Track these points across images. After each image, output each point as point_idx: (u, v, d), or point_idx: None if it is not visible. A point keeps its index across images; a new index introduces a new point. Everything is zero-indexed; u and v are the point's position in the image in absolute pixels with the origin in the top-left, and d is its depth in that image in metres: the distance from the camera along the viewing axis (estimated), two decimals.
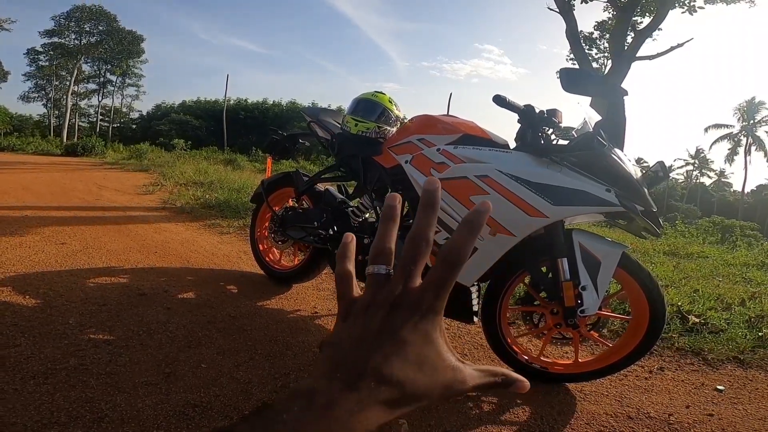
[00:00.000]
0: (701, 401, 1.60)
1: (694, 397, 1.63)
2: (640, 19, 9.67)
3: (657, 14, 8.72)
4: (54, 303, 2.01)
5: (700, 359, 1.91)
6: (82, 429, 1.22)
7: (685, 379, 1.76)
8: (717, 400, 1.62)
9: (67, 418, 1.25)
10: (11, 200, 4.54)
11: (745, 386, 1.73)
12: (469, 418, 1.43)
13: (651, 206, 1.49)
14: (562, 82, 1.51)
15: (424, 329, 0.28)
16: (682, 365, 1.87)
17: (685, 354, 1.96)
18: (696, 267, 3.52)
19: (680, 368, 1.84)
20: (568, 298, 1.50)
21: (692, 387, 1.70)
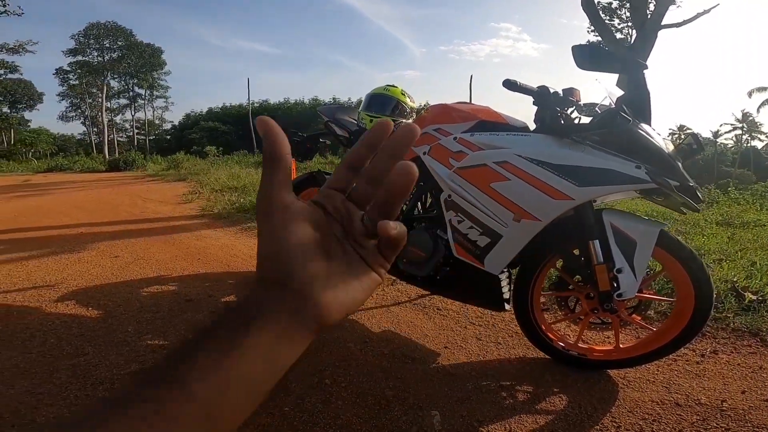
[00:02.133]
0: (759, 386, 1.50)
1: (750, 382, 1.52)
2: None
3: None
4: (114, 313, 2.19)
5: (758, 340, 1.77)
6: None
7: (741, 362, 1.65)
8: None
9: None
10: (67, 220, 4.92)
11: None
12: (502, 407, 1.43)
13: (687, 180, 1.41)
14: (575, 59, 1.45)
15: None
16: (738, 347, 1.75)
17: (742, 335, 1.82)
18: (753, 237, 3.24)
19: (736, 351, 1.73)
20: (602, 281, 1.46)
21: (749, 371, 1.59)
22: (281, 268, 0.28)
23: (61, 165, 17.55)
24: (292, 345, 0.27)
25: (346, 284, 0.29)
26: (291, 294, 0.27)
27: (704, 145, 1.56)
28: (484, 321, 2.06)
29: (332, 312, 0.28)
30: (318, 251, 0.29)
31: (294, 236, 0.28)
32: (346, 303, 0.29)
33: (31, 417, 1.37)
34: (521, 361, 1.72)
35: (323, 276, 0.28)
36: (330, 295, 0.28)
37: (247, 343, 0.26)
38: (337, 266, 0.29)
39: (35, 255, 3.31)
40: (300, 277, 0.28)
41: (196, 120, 37.80)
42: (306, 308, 0.27)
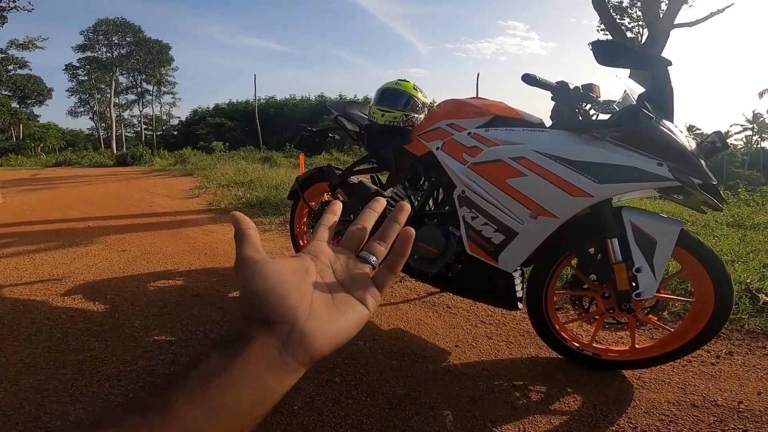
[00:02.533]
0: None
1: (766, 383, 1.51)
2: None
3: None
4: (121, 307, 2.17)
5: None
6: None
7: (757, 363, 1.63)
8: None
9: None
10: (75, 213, 4.94)
11: None
12: (516, 408, 1.40)
13: (710, 178, 1.37)
14: (595, 55, 1.41)
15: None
16: (753, 349, 1.73)
17: (757, 336, 1.81)
18: (765, 239, 3.22)
19: (751, 352, 1.71)
20: (621, 281, 1.43)
21: (764, 372, 1.57)
22: (260, 304, 0.30)
23: (69, 159, 17.72)
24: (280, 375, 0.28)
25: (333, 316, 0.31)
26: (277, 327, 0.29)
27: None
28: (495, 320, 2.02)
29: (319, 341, 0.30)
30: (297, 287, 0.31)
31: (269, 278, 0.31)
32: (332, 333, 0.31)
33: (36, 414, 1.35)
34: (533, 360, 1.69)
35: (306, 308, 0.30)
36: (315, 325, 0.30)
37: (233, 370, 0.27)
38: (321, 300, 0.32)
39: (43, 248, 3.32)
40: (282, 310, 0.30)
41: (203, 116, 37.91)
42: (292, 338, 0.29)
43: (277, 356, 0.28)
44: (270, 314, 0.29)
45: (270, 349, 0.28)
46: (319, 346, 0.30)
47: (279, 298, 0.30)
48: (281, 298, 0.30)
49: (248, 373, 0.27)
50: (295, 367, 0.29)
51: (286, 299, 0.30)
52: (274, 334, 0.29)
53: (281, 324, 0.29)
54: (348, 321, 0.32)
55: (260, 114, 17.43)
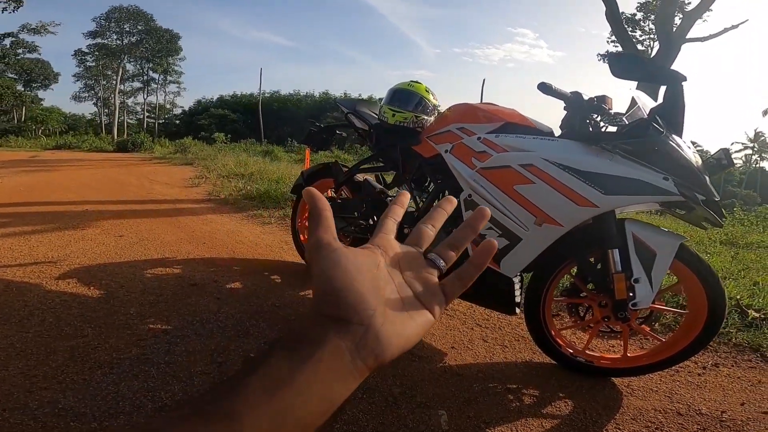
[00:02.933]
0: (757, 399, 1.52)
1: (750, 395, 1.55)
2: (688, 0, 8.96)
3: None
4: (116, 294, 2.16)
5: (759, 356, 1.81)
6: (145, 418, 1.29)
7: (742, 375, 1.67)
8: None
9: (131, 407, 1.32)
10: (73, 196, 4.92)
11: None
12: (509, 410, 1.42)
13: (713, 195, 1.39)
14: (611, 67, 1.43)
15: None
16: (738, 362, 1.77)
17: (743, 350, 1.85)
18: (756, 258, 3.28)
19: (736, 365, 1.75)
20: (619, 290, 1.45)
21: (749, 384, 1.61)
22: (338, 302, 0.28)
23: (69, 143, 17.61)
24: (347, 381, 0.27)
25: (403, 321, 0.29)
26: (352, 328, 0.27)
27: None
28: (491, 323, 2.04)
29: (391, 347, 0.28)
30: (374, 286, 0.29)
31: (347, 272, 0.28)
32: (403, 338, 0.29)
33: (24, 401, 1.32)
34: (527, 365, 1.70)
35: (381, 312, 0.28)
36: (389, 330, 0.28)
37: (302, 379, 0.25)
38: (393, 302, 0.30)
39: (39, 230, 3.30)
40: (361, 312, 0.27)
41: (207, 106, 37.79)
42: (366, 343, 0.27)
43: (347, 361, 0.26)
44: (348, 314, 0.27)
45: (342, 354, 0.26)
46: (390, 351, 0.28)
47: (358, 297, 0.28)
48: (361, 296, 0.28)
49: (317, 380, 0.25)
50: (362, 372, 0.27)
51: (366, 298, 0.28)
52: (349, 336, 0.27)
53: (358, 326, 0.27)
54: (416, 326, 0.30)
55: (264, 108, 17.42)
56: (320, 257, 0.29)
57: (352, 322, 0.27)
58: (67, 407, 1.30)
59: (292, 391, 0.24)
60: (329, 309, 0.28)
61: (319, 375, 0.25)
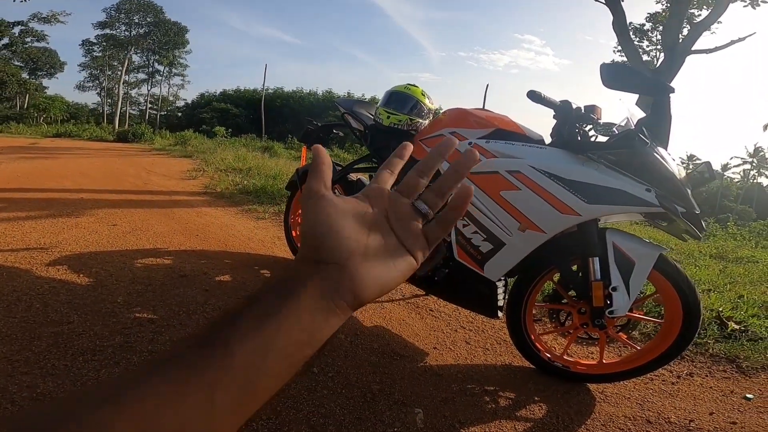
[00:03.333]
0: (726, 409, 1.55)
1: (719, 405, 1.57)
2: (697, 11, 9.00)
3: (715, 7, 8.06)
4: (105, 282, 2.17)
5: (734, 366, 1.84)
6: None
7: (714, 385, 1.70)
8: (743, 408, 1.56)
9: None
10: (69, 184, 4.92)
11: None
12: (484, 411, 1.45)
13: (693, 208, 1.42)
14: (602, 77, 1.45)
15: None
16: (713, 371, 1.80)
17: (719, 360, 1.88)
18: (744, 272, 3.31)
19: (710, 374, 1.78)
20: (597, 298, 1.48)
21: (720, 394, 1.64)
22: (319, 245, 0.30)
23: (69, 131, 17.56)
24: (328, 316, 0.29)
25: (383, 263, 0.32)
26: (329, 267, 0.30)
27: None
28: (475, 326, 2.06)
29: (368, 286, 0.30)
30: (355, 231, 0.31)
31: (330, 217, 0.31)
32: (381, 280, 0.31)
33: (4, 384, 1.33)
34: (506, 368, 1.73)
35: (360, 253, 0.31)
36: (366, 269, 0.30)
37: (286, 312, 0.27)
38: (375, 246, 0.32)
39: (33, 216, 3.31)
40: (337, 252, 0.30)
41: (209, 100, 37.71)
42: (343, 280, 0.30)
43: (327, 297, 0.29)
44: (328, 255, 0.30)
45: (323, 290, 0.29)
46: (368, 291, 0.30)
47: (338, 240, 0.30)
48: (341, 239, 0.30)
49: (300, 313, 0.28)
50: (344, 309, 0.30)
51: (345, 241, 0.30)
52: (327, 275, 0.29)
53: (335, 265, 0.30)
54: (397, 270, 0.32)
55: (266, 104, 17.43)
56: (309, 204, 0.32)
57: (329, 262, 0.30)
58: (45, 392, 1.32)
59: (278, 321, 0.27)
60: (311, 252, 0.30)
61: (301, 307, 0.28)
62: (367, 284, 0.30)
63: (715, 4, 8.12)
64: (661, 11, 10.23)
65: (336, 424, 1.32)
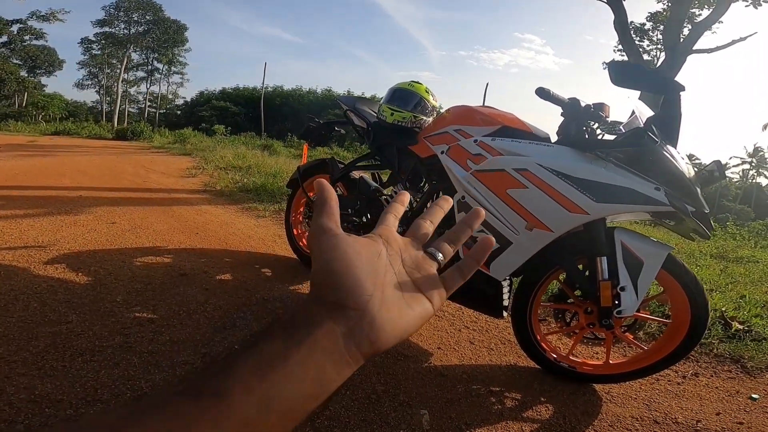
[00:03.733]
0: (733, 409, 1.54)
1: (726, 405, 1.56)
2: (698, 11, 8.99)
3: (717, 7, 8.05)
4: (104, 281, 2.14)
5: (739, 366, 1.82)
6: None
7: (720, 386, 1.69)
8: (749, 408, 1.55)
9: (110, 395, 1.31)
10: (67, 182, 4.88)
11: None
12: (490, 412, 1.43)
13: (703, 207, 1.40)
14: (611, 75, 1.43)
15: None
16: (718, 372, 1.79)
17: (723, 361, 1.87)
18: (745, 272, 3.31)
19: (716, 375, 1.77)
20: (605, 298, 1.45)
21: (726, 394, 1.63)
22: (336, 285, 0.28)
23: (68, 129, 17.50)
24: (340, 367, 0.26)
25: (401, 308, 0.29)
26: (348, 312, 0.27)
27: None
28: (478, 326, 2.04)
29: (387, 334, 0.28)
30: (373, 272, 0.29)
31: (347, 256, 0.28)
32: (399, 326, 0.29)
33: (2, 386, 1.30)
34: (511, 368, 1.71)
35: (379, 296, 0.28)
36: (385, 315, 0.28)
37: (296, 359, 0.25)
38: (392, 290, 0.30)
39: (30, 214, 3.28)
40: (357, 297, 0.27)
41: (209, 98, 37.63)
42: (362, 328, 0.27)
43: (342, 345, 0.26)
44: (344, 298, 0.27)
45: (336, 338, 0.26)
46: (385, 338, 0.28)
47: (356, 282, 0.28)
48: (358, 281, 0.28)
49: (310, 363, 0.25)
50: (357, 358, 0.27)
51: (363, 283, 0.28)
52: (344, 320, 0.27)
53: (353, 310, 0.27)
54: (414, 316, 0.30)
55: (266, 102, 17.37)
56: (321, 242, 0.29)
57: (348, 307, 0.27)
58: (43, 394, 1.29)
59: (284, 371, 0.24)
60: (326, 293, 0.28)
61: (312, 357, 0.25)
62: (385, 331, 0.28)
63: (717, 4, 8.11)
64: (662, 10, 10.20)
65: (341, 426, 1.29)
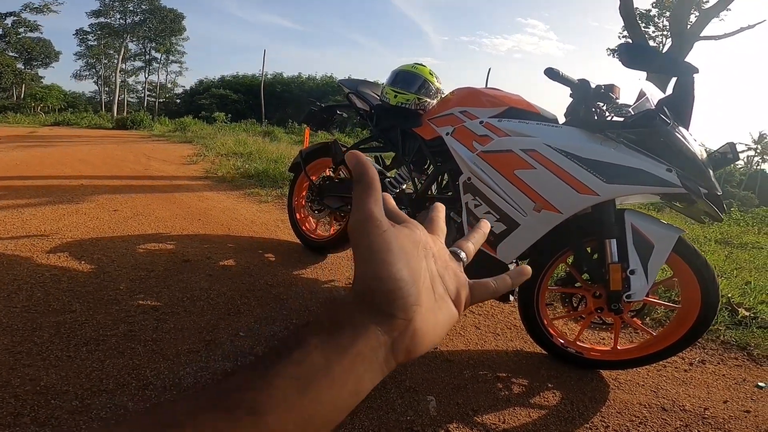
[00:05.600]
0: (740, 397, 1.52)
1: (733, 393, 1.55)
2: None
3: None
4: (107, 269, 2.13)
5: (745, 354, 1.80)
6: (128, 396, 1.26)
7: (727, 373, 1.67)
8: (756, 397, 1.53)
9: (115, 385, 1.30)
10: (69, 171, 4.86)
11: None
12: (498, 399, 1.42)
13: (716, 189, 1.37)
14: (621, 57, 1.39)
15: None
16: (725, 359, 1.77)
17: (730, 348, 1.85)
18: (749, 257, 3.28)
19: (722, 362, 1.75)
20: (615, 281, 1.43)
21: (733, 382, 1.61)
22: (386, 294, 0.24)
23: (68, 120, 17.41)
24: (376, 376, 0.24)
25: (435, 315, 0.27)
26: (395, 322, 0.24)
27: None
28: (484, 311, 2.02)
29: (425, 343, 0.26)
30: (418, 277, 0.26)
31: (398, 260, 0.25)
32: (435, 334, 0.27)
33: (6, 378, 1.28)
34: (518, 354, 1.69)
35: (423, 306, 0.26)
36: (425, 325, 0.26)
37: (337, 371, 0.22)
38: (429, 295, 0.27)
39: (32, 203, 3.26)
40: (407, 306, 0.25)
41: (208, 86, 37.37)
42: (404, 338, 0.25)
43: (382, 355, 0.24)
44: (394, 306, 0.24)
45: (380, 348, 0.24)
46: (421, 348, 0.26)
47: (405, 289, 0.25)
48: (407, 288, 0.25)
49: (351, 374, 0.23)
50: (392, 366, 0.25)
51: (411, 289, 0.25)
52: (390, 329, 0.24)
53: (401, 320, 0.24)
54: (444, 322, 0.27)
55: (266, 89, 17.21)
56: (371, 236, 0.25)
57: (396, 316, 0.24)
58: (48, 385, 1.28)
59: (325, 384, 0.22)
60: (373, 296, 0.24)
61: (354, 369, 0.23)
62: (423, 340, 0.25)
63: None
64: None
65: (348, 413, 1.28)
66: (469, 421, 1.30)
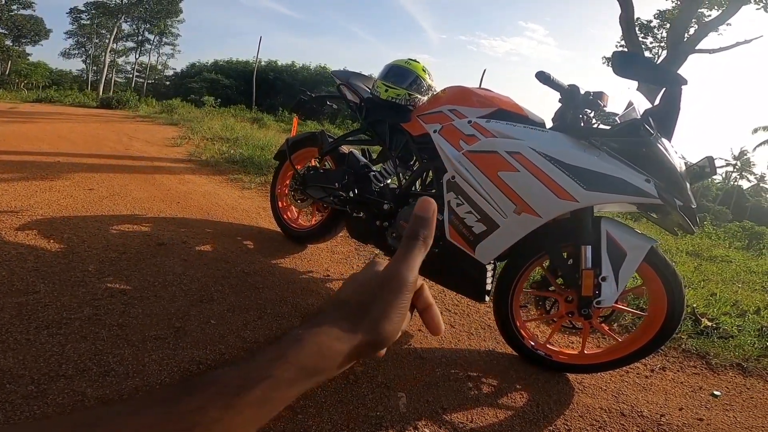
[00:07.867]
0: (695, 405, 1.57)
1: (688, 400, 1.59)
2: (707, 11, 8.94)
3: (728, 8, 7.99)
4: (76, 249, 2.05)
5: (704, 363, 1.86)
6: (88, 383, 1.22)
7: (685, 381, 1.72)
8: (710, 405, 1.58)
9: (75, 371, 1.26)
10: (46, 147, 4.70)
11: (741, 393, 1.68)
12: (467, 398, 1.43)
13: (691, 202, 1.39)
14: (613, 64, 1.40)
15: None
16: (684, 367, 1.82)
17: (690, 356, 1.90)
18: (717, 270, 3.40)
19: (682, 370, 1.80)
20: (587, 287, 1.45)
21: (689, 389, 1.66)
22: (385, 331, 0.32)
23: (51, 97, 16.78)
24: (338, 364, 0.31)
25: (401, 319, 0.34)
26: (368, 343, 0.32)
27: None
28: (460, 310, 2.03)
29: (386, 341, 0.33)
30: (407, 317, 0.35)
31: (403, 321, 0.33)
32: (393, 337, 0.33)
33: None
34: (490, 354, 1.71)
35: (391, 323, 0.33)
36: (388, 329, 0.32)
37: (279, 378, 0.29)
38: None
39: (4, 179, 3.13)
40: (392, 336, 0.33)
41: (200, 70, 36.43)
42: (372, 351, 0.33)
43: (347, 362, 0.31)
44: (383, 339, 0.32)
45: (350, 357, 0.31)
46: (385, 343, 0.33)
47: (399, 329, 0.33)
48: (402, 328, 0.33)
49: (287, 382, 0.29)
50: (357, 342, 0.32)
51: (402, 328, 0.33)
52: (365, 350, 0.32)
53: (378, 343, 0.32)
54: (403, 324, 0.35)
55: (259, 76, 16.90)
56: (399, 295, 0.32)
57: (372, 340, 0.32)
58: (4, 368, 1.22)
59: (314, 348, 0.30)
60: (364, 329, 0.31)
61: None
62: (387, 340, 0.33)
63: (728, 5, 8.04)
64: (672, 8, 10.15)
65: (317, 406, 1.27)
66: (438, 419, 1.31)
